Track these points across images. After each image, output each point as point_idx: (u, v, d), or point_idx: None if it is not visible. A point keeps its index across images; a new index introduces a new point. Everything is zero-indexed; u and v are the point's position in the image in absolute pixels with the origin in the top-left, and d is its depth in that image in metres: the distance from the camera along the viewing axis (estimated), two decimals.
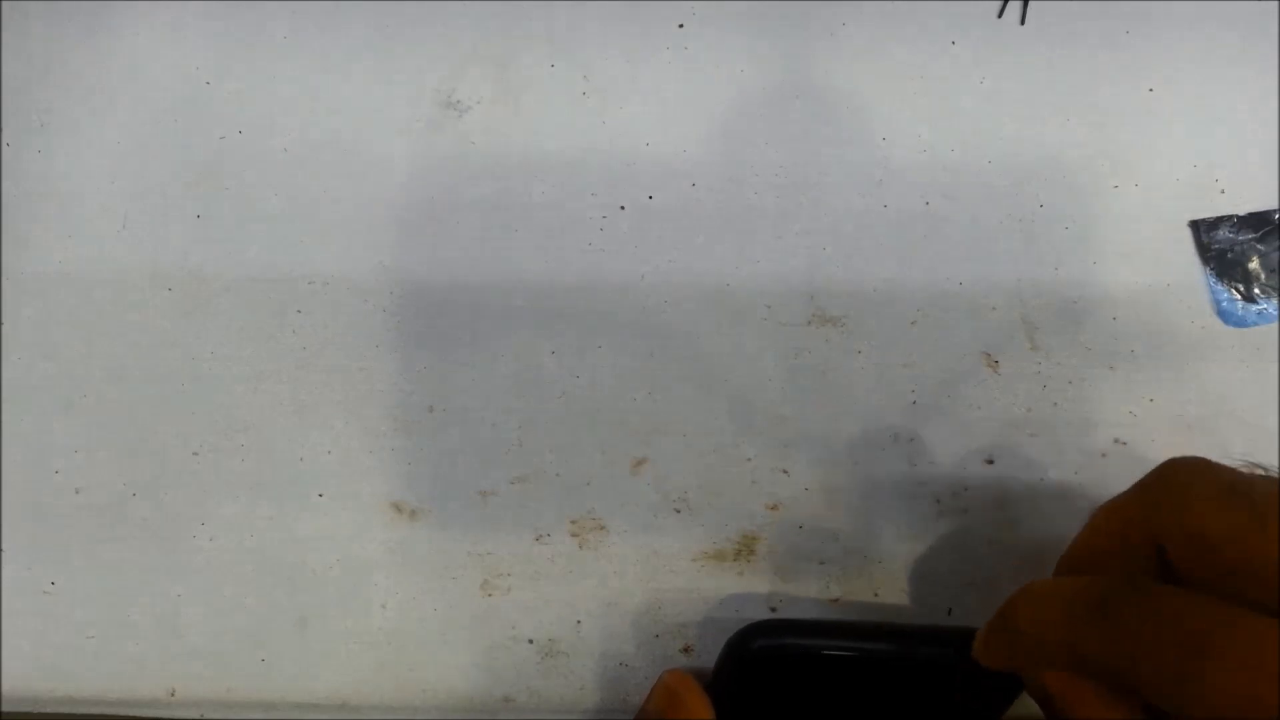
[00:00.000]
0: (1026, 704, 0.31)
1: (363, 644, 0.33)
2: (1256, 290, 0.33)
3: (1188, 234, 0.33)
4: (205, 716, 0.33)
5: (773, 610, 0.33)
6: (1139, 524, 0.23)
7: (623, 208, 0.34)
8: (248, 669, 0.33)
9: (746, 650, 0.29)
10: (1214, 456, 0.32)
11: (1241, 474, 0.22)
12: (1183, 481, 0.22)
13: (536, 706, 0.33)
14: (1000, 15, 0.35)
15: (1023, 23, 0.34)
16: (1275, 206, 0.33)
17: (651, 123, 0.34)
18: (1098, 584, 0.22)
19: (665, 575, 0.33)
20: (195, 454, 0.34)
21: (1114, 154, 0.34)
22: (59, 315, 0.34)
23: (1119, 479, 0.32)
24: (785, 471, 0.33)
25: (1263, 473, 0.22)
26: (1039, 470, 0.33)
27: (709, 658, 0.31)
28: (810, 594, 0.32)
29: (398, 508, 0.33)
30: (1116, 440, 0.33)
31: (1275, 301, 0.33)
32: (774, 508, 0.33)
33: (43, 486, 0.34)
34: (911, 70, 0.34)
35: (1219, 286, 0.33)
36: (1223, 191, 0.33)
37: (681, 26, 0.35)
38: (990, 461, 0.33)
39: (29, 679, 0.33)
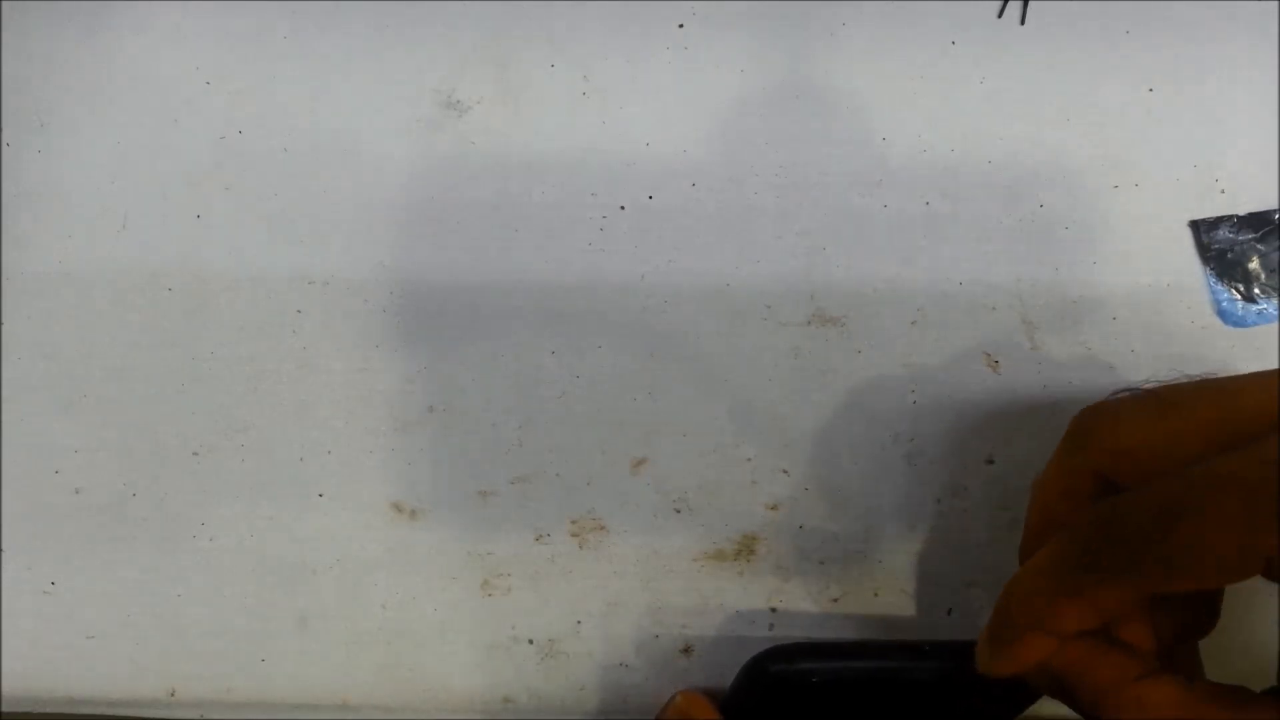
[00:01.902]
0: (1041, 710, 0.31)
1: (363, 644, 0.33)
2: (1256, 290, 0.33)
3: (1188, 234, 0.33)
4: (205, 716, 0.33)
5: (773, 610, 0.32)
6: (1076, 470, 0.25)
7: (623, 208, 0.34)
8: (248, 669, 0.33)
9: (763, 675, 0.29)
10: None
11: (1150, 387, 0.24)
12: (1101, 416, 0.24)
13: (536, 707, 0.33)
14: (1000, 15, 0.35)
15: (1023, 23, 0.34)
16: (1275, 206, 0.33)
17: (651, 123, 0.34)
18: (1063, 535, 0.23)
19: (665, 575, 0.33)
20: (195, 454, 0.34)
21: (1114, 154, 0.34)
22: (59, 315, 0.34)
23: None
24: (785, 471, 0.33)
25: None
26: (1039, 470, 0.33)
27: (709, 659, 0.31)
28: (810, 594, 0.32)
29: (398, 508, 0.33)
30: None
31: (1275, 301, 0.33)
32: (774, 508, 0.33)
33: (43, 486, 0.34)
34: (911, 70, 0.34)
35: (1219, 286, 0.33)
36: (1223, 191, 0.33)
37: (681, 26, 0.35)
38: (990, 461, 0.33)
39: (29, 679, 0.33)
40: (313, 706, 0.33)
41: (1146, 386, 0.25)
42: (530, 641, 0.33)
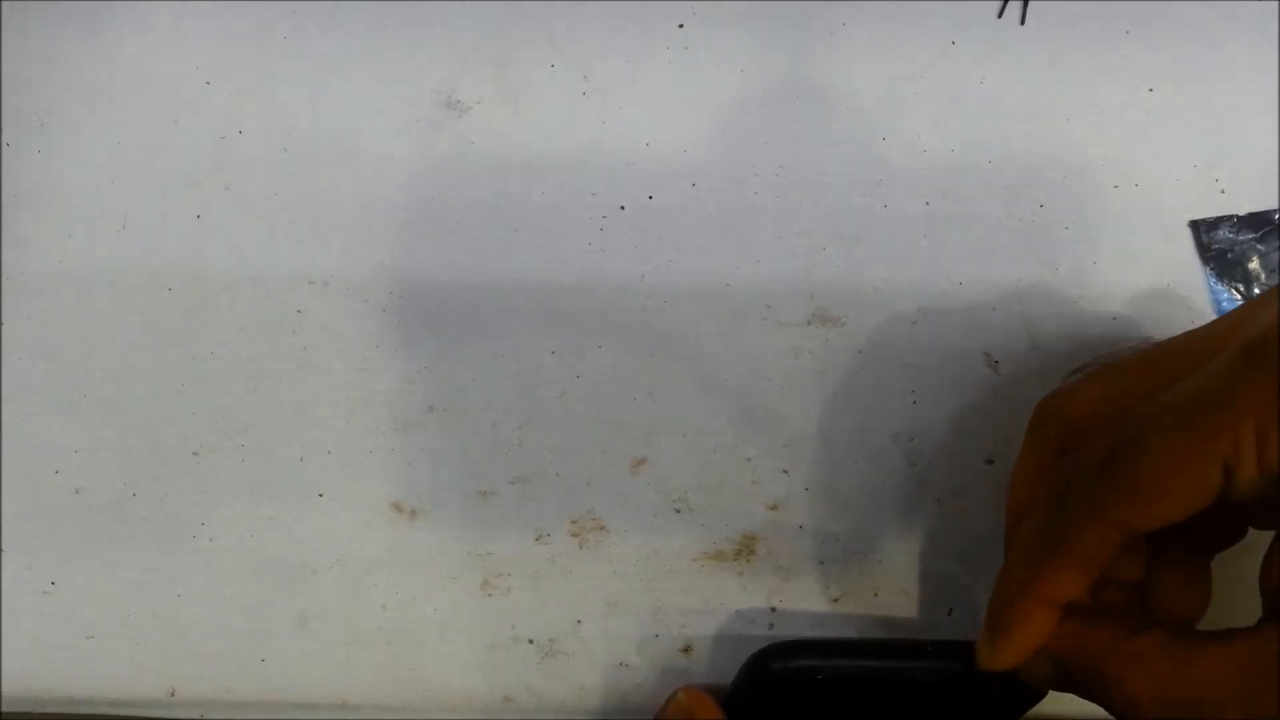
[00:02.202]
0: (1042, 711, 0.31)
1: (363, 644, 0.33)
2: (1256, 290, 0.33)
3: (1188, 234, 0.33)
4: (205, 716, 0.33)
5: (773, 610, 0.32)
6: (1042, 453, 0.27)
7: (623, 208, 0.34)
8: (248, 669, 0.33)
9: (764, 673, 0.29)
10: None
11: (1092, 364, 0.27)
12: (1057, 398, 0.27)
13: (536, 707, 0.33)
14: (1000, 15, 0.35)
15: (1023, 23, 0.34)
16: (1275, 206, 0.33)
17: (651, 123, 0.34)
18: (1038, 506, 0.25)
19: (665, 575, 0.33)
20: (195, 454, 0.34)
21: (1114, 154, 0.34)
22: (59, 315, 0.34)
23: None
24: (785, 471, 0.33)
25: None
26: None
27: (709, 658, 0.31)
28: (810, 594, 0.32)
29: (398, 508, 0.33)
30: None
31: None
32: (774, 508, 0.33)
33: (43, 486, 0.34)
34: (911, 70, 0.34)
35: (1219, 286, 0.33)
36: (1223, 191, 0.33)
37: (681, 26, 0.35)
38: (990, 461, 0.33)
39: (29, 679, 0.33)
40: (313, 706, 0.33)
41: (1095, 363, 0.26)
42: (530, 641, 0.33)
